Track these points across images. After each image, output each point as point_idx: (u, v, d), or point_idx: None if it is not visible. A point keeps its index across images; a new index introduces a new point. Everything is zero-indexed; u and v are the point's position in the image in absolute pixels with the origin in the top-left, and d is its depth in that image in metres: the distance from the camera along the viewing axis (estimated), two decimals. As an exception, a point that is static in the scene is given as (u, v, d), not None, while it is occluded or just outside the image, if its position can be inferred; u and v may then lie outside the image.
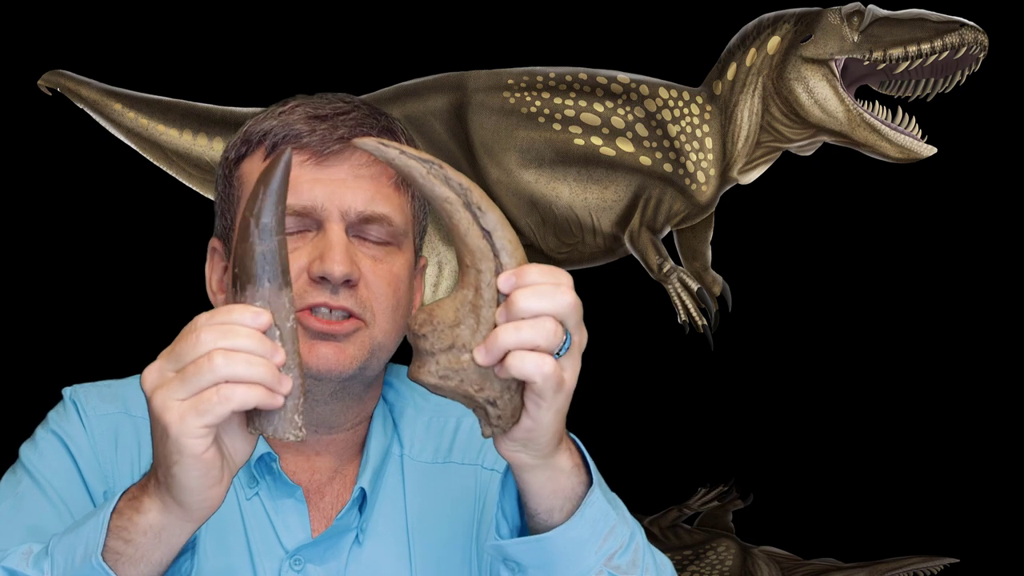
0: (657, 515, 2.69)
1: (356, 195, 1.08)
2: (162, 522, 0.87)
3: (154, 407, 0.83)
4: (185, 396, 0.82)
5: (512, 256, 0.83)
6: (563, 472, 0.90)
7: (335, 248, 1.05)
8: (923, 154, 2.71)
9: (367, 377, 1.10)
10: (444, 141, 2.76)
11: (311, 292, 1.05)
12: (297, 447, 1.13)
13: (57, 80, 2.84)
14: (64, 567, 0.90)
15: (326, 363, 1.06)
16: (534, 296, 0.82)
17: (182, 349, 0.83)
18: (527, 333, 0.82)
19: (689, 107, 2.82)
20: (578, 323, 0.85)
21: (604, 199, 2.79)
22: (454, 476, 1.16)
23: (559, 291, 0.83)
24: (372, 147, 0.84)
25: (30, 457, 1.12)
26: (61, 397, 1.17)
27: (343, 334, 1.06)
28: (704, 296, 2.80)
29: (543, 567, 0.93)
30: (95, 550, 0.88)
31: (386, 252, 1.09)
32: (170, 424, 0.82)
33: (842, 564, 2.48)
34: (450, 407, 1.19)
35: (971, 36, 2.60)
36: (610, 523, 0.94)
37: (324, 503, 1.13)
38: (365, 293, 1.07)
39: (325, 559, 1.10)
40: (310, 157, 1.08)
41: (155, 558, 0.89)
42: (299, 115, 1.10)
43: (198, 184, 2.88)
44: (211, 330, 0.82)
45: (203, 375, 0.81)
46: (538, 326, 0.82)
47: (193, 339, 0.83)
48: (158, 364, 0.85)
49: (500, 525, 0.95)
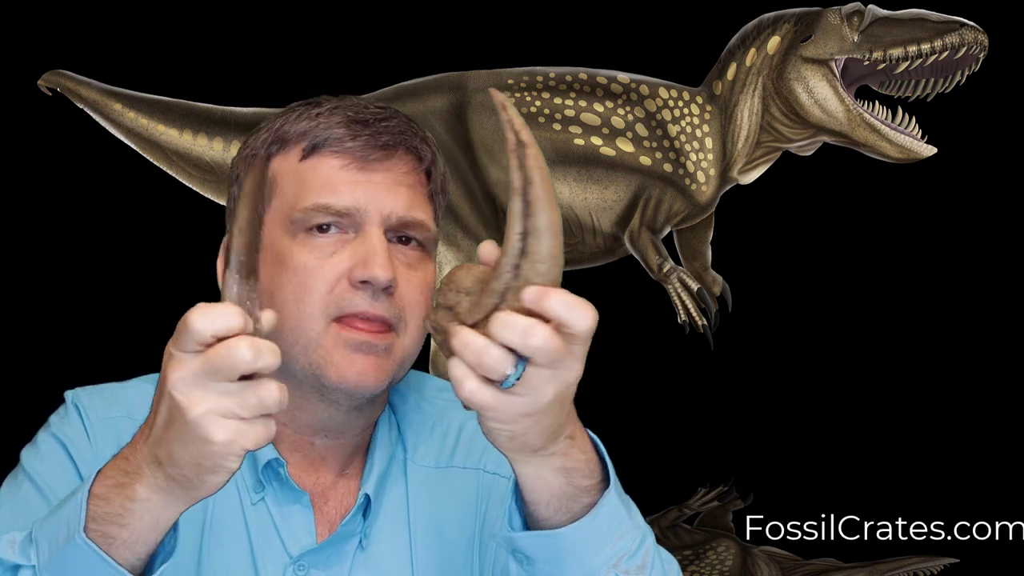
0: (657, 515, 2.69)
1: (397, 200, 1.07)
2: (160, 506, 0.87)
3: (198, 421, 0.81)
4: (242, 416, 0.81)
5: (541, 263, 0.80)
6: (549, 470, 0.88)
7: (379, 253, 1.04)
8: (923, 154, 2.71)
9: (391, 386, 1.10)
10: (444, 141, 2.76)
11: (351, 298, 1.04)
12: (303, 452, 1.13)
13: (57, 80, 2.84)
14: (48, 552, 0.90)
15: (364, 379, 1.05)
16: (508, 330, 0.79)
17: (218, 363, 0.80)
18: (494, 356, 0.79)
19: (689, 107, 2.82)
20: (554, 361, 0.81)
21: (604, 199, 2.79)
22: (456, 480, 1.16)
23: (533, 331, 0.79)
24: (499, 101, 0.80)
25: (31, 461, 1.12)
26: (63, 400, 1.17)
27: (383, 346, 1.05)
28: (704, 296, 2.80)
29: (551, 562, 0.92)
30: (77, 528, 0.88)
31: (419, 259, 1.09)
32: (217, 443, 0.81)
33: (842, 564, 2.48)
34: (453, 411, 1.19)
35: (971, 36, 2.60)
36: (623, 527, 0.93)
37: (328, 508, 1.13)
38: (400, 301, 1.06)
39: (329, 565, 1.10)
40: (352, 162, 1.07)
41: (150, 540, 0.89)
42: (339, 118, 1.09)
43: (198, 184, 2.88)
44: (248, 348, 0.80)
45: (254, 404, 0.81)
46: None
47: (233, 355, 0.80)
48: (193, 368, 0.81)
49: (512, 517, 0.94)
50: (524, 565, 0.94)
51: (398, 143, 1.08)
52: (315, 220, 1.06)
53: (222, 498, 1.10)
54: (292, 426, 1.12)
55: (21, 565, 0.92)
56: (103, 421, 1.12)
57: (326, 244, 1.06)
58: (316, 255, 1.06)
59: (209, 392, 0.80)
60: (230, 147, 2.82)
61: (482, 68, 2.84)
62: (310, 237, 1.06)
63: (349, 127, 1.08)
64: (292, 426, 1.12)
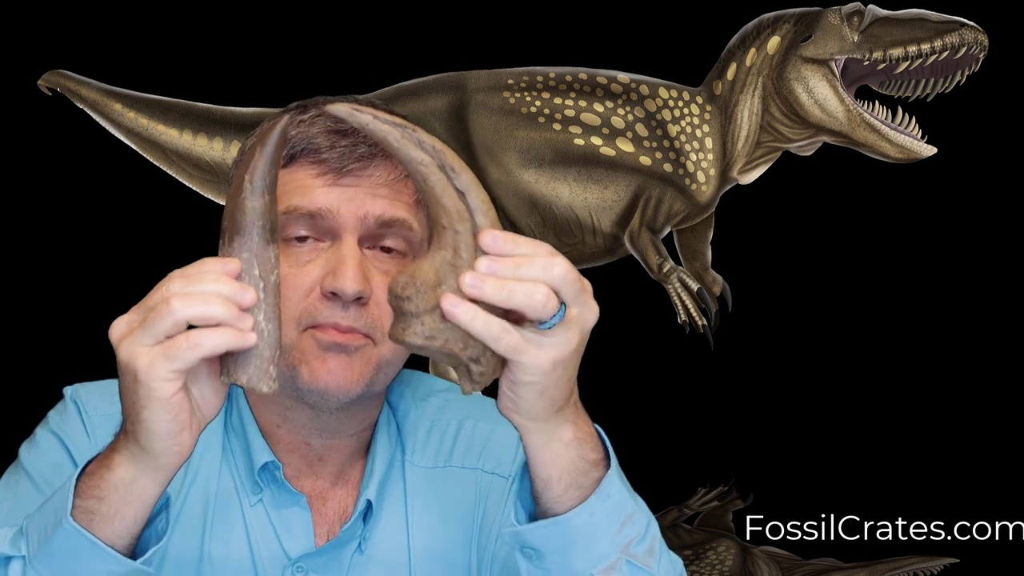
0: (657, 515, 2.68)
1: (375, 203, 1.06)
2: (132, 474, 0.88)
3: (122, 355, 0.84)
4: (151, 342, 0.83)
5: (486, 216, 0.83)
6: (561, 442, 0.89)
7: (349, 264, 1.04)
8: (923, 154, 2.71)
9: (373, 393, 1.09)
10: (444, 141, 2.74)
11: (321, 309, 1.04)
12: (300, 453, 1.13)
13: (57, 80, 2.84)
14: (38, 540, 0.91)
15: (334, 379, 1.04)
16: (527, 266, 0.81)
17: (149, 300, 0.85)
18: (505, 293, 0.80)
19: (689, 107, 2.82)
20: (575, 295, 0.83)
21: (604, 199, 2.79)
22: (455, 480, 1.16)
23: (552, 260, 0.82)
24: (345, 113, 0.84)
25: (29, 458, 1.12)
26: (62, 396, 1.17)
27: (353, 347, 1.05)
28: (704, 296, 2.80)
29: (561, 552, 0.92)
30: (65, 512, 0.88)
31: (399, 265, 1.07)
32: (139, 370, 0.83)
33: (842, 564, 2.48)
34: (451, 410, 1.19)
35: (971, 36, 2.60)
36: (627, 510, 0.93)
37: (327, 509, 1.13)
38: (375, 311, 1.05)
39: (328, 568, 1.11)
40: (327, 172, 1.07)
41: (129, 513, 0.89)
42: (319, 127, 1.08)
43: (198, 184, 2.88)
44: (178, 279, 0.84)
45: (163, 319, 0.82)
46: (526, 290, 0.81)
47: (162, 289, 0.84)
48: (127, 316, 0.86)
49: (518, 512, 0.94)
50: (534, 560, 0.94)
51: (376, 152, 1.07)
52: (291, 228, 1.06)
53: (223, 499, 1.11)
54: (286, 427, 1.12)
55: (12, 556, 0.92)
56: (102, 417, 1.12)
57: (301, 253, 1.06)
58: (290, 264, 1.05)
59: (131, 327, 0.85)
60: (230, 147, 2.82)
61: (482, 68, 2.84)
62: (287, 247, 1.06)
63: (328, 137, 1.07)
64: (286, 427, 1.12)
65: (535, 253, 0.82)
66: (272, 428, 1.12)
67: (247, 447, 1.12)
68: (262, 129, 1.03)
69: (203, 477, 1.12)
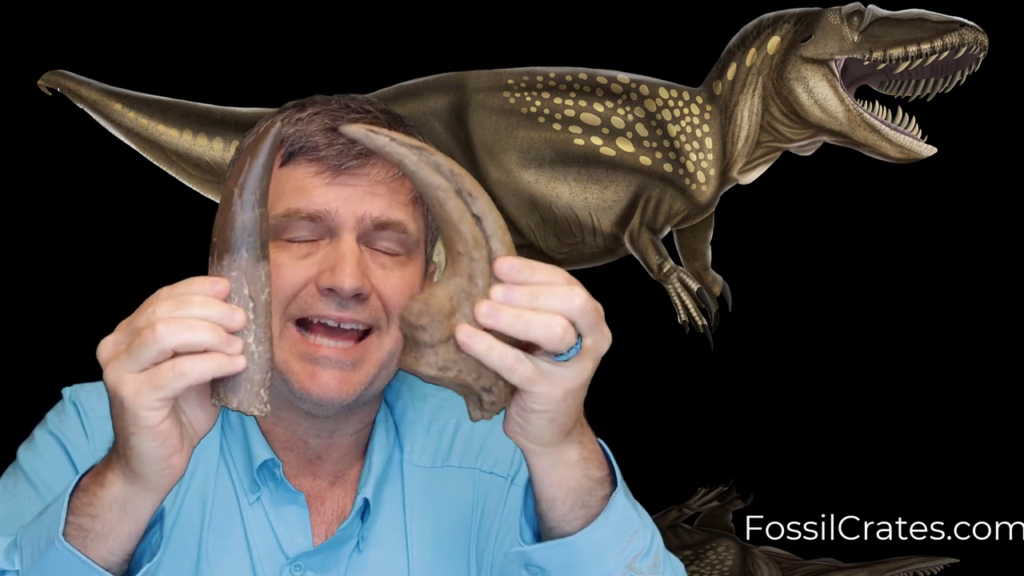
0: (657, 515, 2.69)
1: (373, 203, 1.06)
2: (125, 494, 0.87)
3: (108, 380, 0.83)
4: (136, 369, 0.81)
5: (502, 242, 0.82)
6: (567, 463, 0.88)
7: (347, 261, 1.03)
8: (923, 154, 2.71)
9: (371, 394, 1.09)
10: (444, 141, 2.76)
11: (315, 303, 1.04)
12: (298, 451, 1.13)
13: (57, 80, 2.84)
14: (31, 554, 0.90)
15: (328, 392, 1.05)
16: (545, 295, 0.80)
17: (135, 321, 0.83)
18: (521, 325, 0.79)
19: (689, 107, 2.82)
20: (592, 326, 0.82)
21: (604, 199, 2.79)
22: (453, 480, 1.16)
23: (572, 291, 0.80)
24: (361, 134, 0.82)
25: (28, 459, 1.12)
26: (60, 397, 1.17)
27: (348, 362, 1.05)
28: (704, 296, 2.80)
29: (565, 569, 0.92)
30: (57, 531, 0.88)
31: (397, 263, 1.07)
32: (125, 397, 0.81)
33: (842, 564, 2.48)
34: (449, 409, 1.19)
35: (971, 36, 2.60)
36: (633, 527, 0.93)
37: (325, 508, 1.13)
38: (377, 303, 1.05)
39: (326, 566, 1.10)
40: (325, 169, 1.06)
41: (123, 531, 0.88)
42: (317, 125, 1.08)
43: (198, 184, 2.88)
44: (165, 302, 0.82)
45: (149, 347, 0.80)
46: (543, 323, 0.79)
47: (148, 311, 0.82)
48: (113, 336, 0.84)
49: (523, 531, 0.94)
50: None
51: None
52: (289, 228, 1.05)
53: (221, 499, 1.11)
54: (282, 425, 1.12)
55: (5, 570, 0.92)
56: (101, 419, 1.11)
57: (299, 249, 1.06)
58: (286, 257, 1.05)
59: (117, 350, 0.83)
60: (230, 147, 2.82)
61: (482, 68, 2.84)
62: (286, 244, 1.06)
63: (325, 134, 1.07)
64: (282, 425, 1.12)
65: (553, 282, 0.80)
66: (269, 426, 1.12)
67: (246, 445, 1.12)
68: (252, 138, 1.03)
69: (200, 476, 1.11)
